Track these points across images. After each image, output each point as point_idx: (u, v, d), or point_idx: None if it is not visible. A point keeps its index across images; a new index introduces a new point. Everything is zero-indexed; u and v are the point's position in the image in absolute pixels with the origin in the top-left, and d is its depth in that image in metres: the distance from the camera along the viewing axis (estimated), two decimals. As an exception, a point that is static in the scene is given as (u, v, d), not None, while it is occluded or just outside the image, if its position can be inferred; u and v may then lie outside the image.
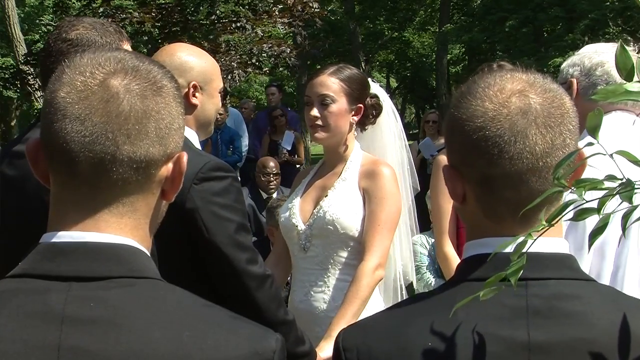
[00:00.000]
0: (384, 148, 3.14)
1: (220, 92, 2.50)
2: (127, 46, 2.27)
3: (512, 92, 1.20)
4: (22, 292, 1.07)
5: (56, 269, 1.08)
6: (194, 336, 1.07)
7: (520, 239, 1.11)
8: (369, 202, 2.87)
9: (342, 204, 2.89)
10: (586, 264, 2.09)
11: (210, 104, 2.47)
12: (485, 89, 1.21)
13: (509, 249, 1.10)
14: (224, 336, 1.09)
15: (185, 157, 1.16)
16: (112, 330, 1.05)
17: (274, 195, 6.83)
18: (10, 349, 1.03)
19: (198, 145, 2.43)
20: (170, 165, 1.15)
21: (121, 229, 1.12)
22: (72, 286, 1.07)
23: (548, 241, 1.17)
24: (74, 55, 2.20)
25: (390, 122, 3.16)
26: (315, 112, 2.90)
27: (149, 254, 1.16)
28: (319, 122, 2.90)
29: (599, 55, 2.39)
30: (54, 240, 1.11)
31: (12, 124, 22.62)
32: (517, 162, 1.17)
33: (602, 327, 1.14)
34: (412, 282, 3.35)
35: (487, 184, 1.20)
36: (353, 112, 2.94)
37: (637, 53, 2.45)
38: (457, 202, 1.26)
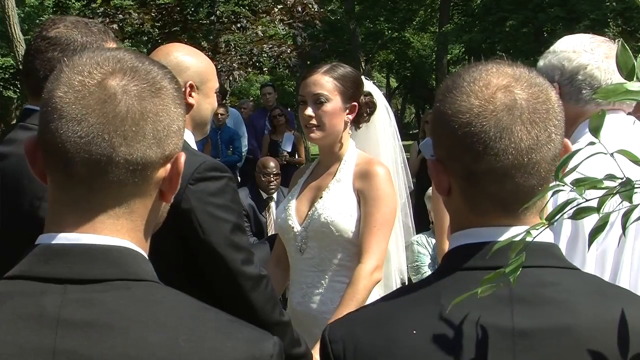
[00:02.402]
0: (378, 146, 3.12)
1: (216, 92, 2.49)
2: (113, 46, 2.26)
3: (497, 88, 1.20)
4: (17, 294, 1.06)
5: (52, 271, 1.07)
6: (190, 340, 1.06)
7: (514, 231, 1.13)
8: (364, 203, 2.85)
9: (336, 206, 2.87)
10: (589, 267, 2.08)
11: (206, 103, 2.46)
12: (470, 84, 1.21)
13: (496, 237, 1.15)
14: (221, 340, 1.08)
15: (182, 157, 1.15)
16: (107, 334, 1.04)
17: (274, 195, 6.83)
18: (5, 352, 1.02)
19: (194, 146, 2.42)
20: (168, 167, 1.13)
21: (118, 230, 1.10)
22: (67, 289, 1.06)
23: (534, 231, 1.17)
24: (51, 54, 2.20)
25: (384, 120, 3.13)
26: (309, 111, 2.88)
27: (146, 256, 1.14)
28: (314, 122, 2.89)
29: (578, 55, 2.29)
30: (50, 242, 1.09)
31: (12, 123, 22.62)
32: (502, 158, 1.17)
33: (585, 314, 1.14)
34: (407, 282, 3.33)
35: (472, 179, 1.20)
36: (347, 111, 2.92)
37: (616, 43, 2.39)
38: (443, 195, 1.27)
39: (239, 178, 9.94)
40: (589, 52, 2.28)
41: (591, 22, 17.43)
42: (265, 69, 14.70)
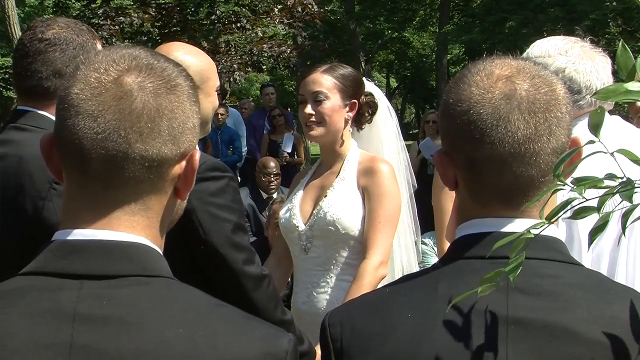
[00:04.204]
0: (381, 146, 3.13)
1: (217, 91, 2.49)
2: (99, 45, 2.30)
3: (498, 78, 1.21)
4: (34, 290, 1.07)
5: (68, 266, 1.08)
6: (206, 336, 1.07)
7: (516, 222, 1.14)
8: (368, 200, 2.87)
9: (342, 204, 2.88)
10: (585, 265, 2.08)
11: (207, 102, 2.46)
12: (474, 75, 1.23)
13: (498, 228, 1.17)
14: (236, 336, 1.09)
15: (197, 154, 1.16)
16: (124, 328, 1.04)
17: (274, 195, 6.83)
18: (22, 346, 1.03)
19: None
20: (183, 164, 1.15)
21: (134, 227, 1.11)
22: (84, 284, 1.07)
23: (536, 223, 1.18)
24: (52, 55, 2.21)
25: (387, 120, 3.15)
26: (309, 109, 2.90)
27: (161, 253, 1.16)
28: (314, 119, 2.90)
29: (554, 60, 2.29)
30: (66, 238, 1.10)
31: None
32: (499, 146, 1.18)
33: (581, 308, 1.15)
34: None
35: (473, 168, 1.21)
36: (347, 108, 2.93)
37: (585, 39, 2.39)
38: (450, 188, 1.28)
39: (239, 178, 9.95)
40: (563, 55, 2.29)
41: (591, 23, 17.40)
42: (265, 68, 14.69)
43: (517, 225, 1.19)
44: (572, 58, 2.28)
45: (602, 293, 1.18)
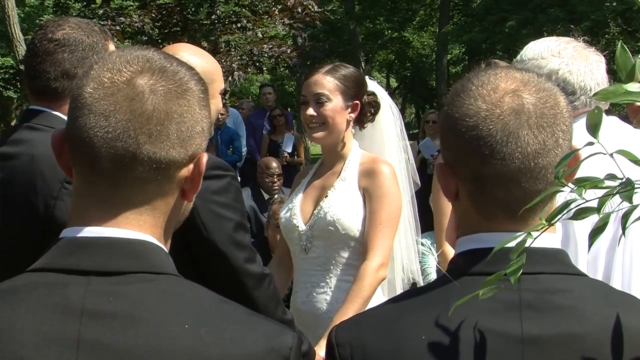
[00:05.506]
0: (383, 145, 3.14)
1: (221, 93, 2.50)
2: (111, 46, 2.29)
3: (505, 92, 1.20)
4: (41, 286, 1.09)
5: (75, 263, 1.09)
6: (211, 332, 1.08)
7: (519, 236, 1.12)
8: (369, 201, 2.87)
9: (342, 204, 2.89)
10: (582, 269, 2.08)
11: (211, 105, 2.46)
12: (479, 88, 1.21)
13: (508, 244, 1.11)
14: (241, 332, 1.10)
15: (205, 157, 1.18)
16: (131, 324, 1.06)
17: (276, 195, 6.83)
18: (30, 341, 1.04)
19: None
20: (190, 167, 1.16)
21: (140, 226, 1.13)
22: (91, 280, 1.08)
23: (541, 237, 1.17)
24: (61, 55, 2.20)
25: (389, 119, 3.15)
26: (311, 111, 2.91)
27: (167, 252, 1.17)
28: (316, 121, 2.91)
29: (547, 61, 2.29)
30: (74, 235, 1.12)
31: (12, 124, 22.53)
32: (509, 162, 1.17)
33: (593, 321, 1.15)
34: (415, 283, 3.34)
35: (479, 182, 1.20)
36: (349, 109, 2.94)
37: (580, 39, 2.39)
38: (450, 199, 1.27)
39: (238, 178, 9.95)
40: (557, 57, 2.28)
41: (591, 23, 17.38)
42: (265, 69, 14.69)
43: (521, 239, 1.18)
44: (565, 59, 2.27)
45: (610, 305, 1.18)
